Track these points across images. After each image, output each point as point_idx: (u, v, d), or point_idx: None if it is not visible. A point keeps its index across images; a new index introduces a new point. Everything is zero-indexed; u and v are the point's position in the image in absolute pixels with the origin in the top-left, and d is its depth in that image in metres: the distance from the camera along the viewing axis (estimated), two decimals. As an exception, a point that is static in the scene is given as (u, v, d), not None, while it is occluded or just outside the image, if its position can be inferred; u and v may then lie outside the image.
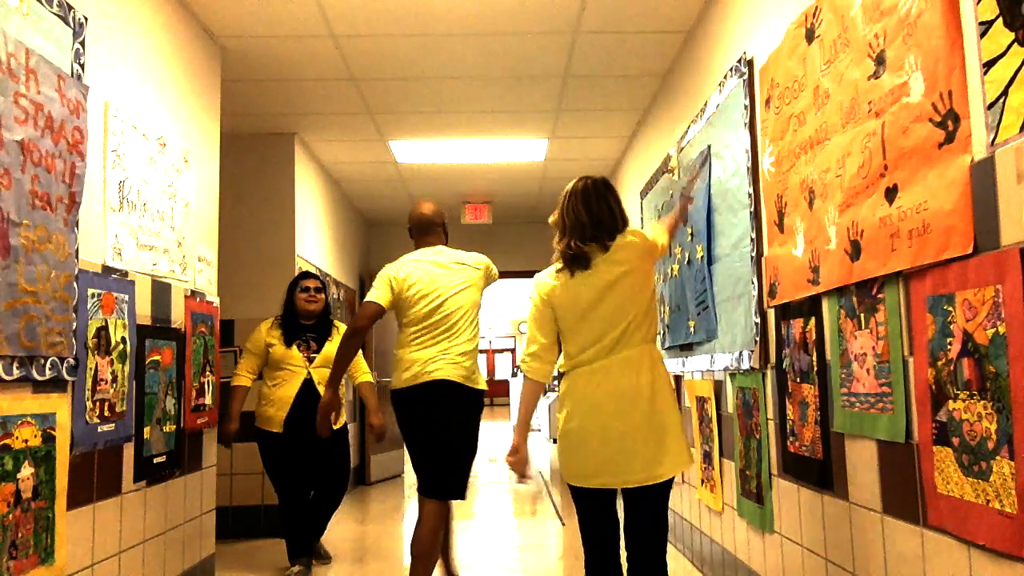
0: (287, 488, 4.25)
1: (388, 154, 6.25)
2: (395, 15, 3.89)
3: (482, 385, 3.43)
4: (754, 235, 3.12)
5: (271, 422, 4.20)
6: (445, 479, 3.30)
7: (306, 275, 4.47)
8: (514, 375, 17.74)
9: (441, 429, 3.29)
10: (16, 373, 2.27)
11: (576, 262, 2.59)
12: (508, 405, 19.96)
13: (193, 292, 3.69)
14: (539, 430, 13.57)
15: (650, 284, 2.64)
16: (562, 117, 5.46)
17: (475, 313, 3.44)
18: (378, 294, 3.35)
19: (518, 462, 2.70)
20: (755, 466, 3.20)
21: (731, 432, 3.49)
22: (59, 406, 2.51)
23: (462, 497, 3.39)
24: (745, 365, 3.21)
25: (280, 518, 4.35)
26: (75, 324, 2.60)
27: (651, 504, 2.53)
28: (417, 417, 3.31)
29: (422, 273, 3.40)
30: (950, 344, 1.84)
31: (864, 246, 2.21)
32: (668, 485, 2.54)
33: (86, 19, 2.73)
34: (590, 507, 2.62)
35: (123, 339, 2.96)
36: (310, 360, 4.27)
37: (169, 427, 3.40)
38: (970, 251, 1.75)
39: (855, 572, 2.39)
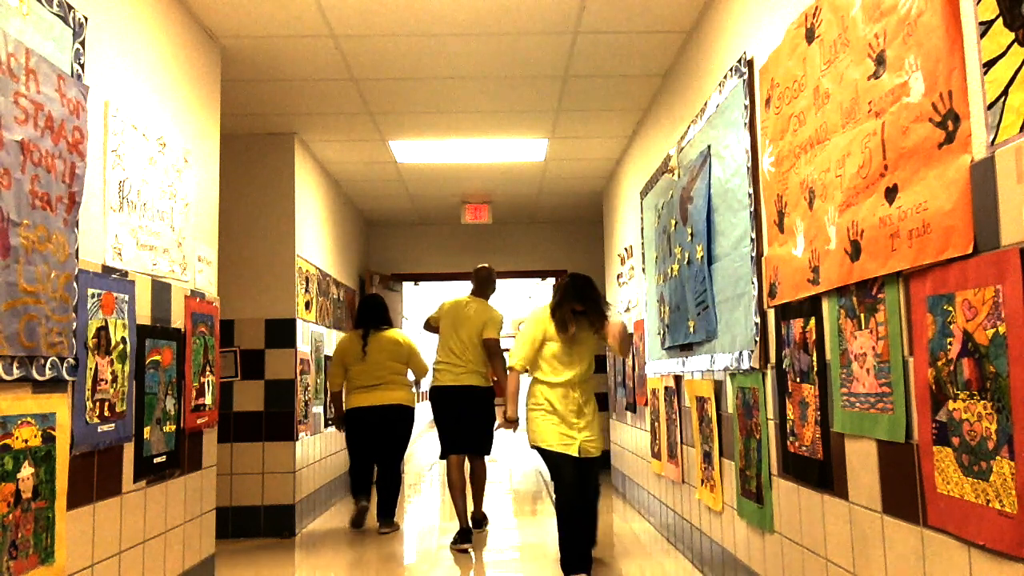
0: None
1: (388, 154, 6.25)
2: (395, 15, 3.89)
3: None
4: (754, 235, 3.12)
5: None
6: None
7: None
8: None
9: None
10: (16, 373, 2.27)
11: None
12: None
13: (193, 292, 3.69)
14: None
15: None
16: (562, 117, 5.46)
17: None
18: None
19: (512, 423, 4.46)
20: (755, 466, 3.20)
21: (731, 432, 3.49)
22: (59, 406, 2.51)
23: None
24: (745, 365, 3.21)
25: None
26: (75, 324, 2.60)
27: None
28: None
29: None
30: (950, 344, 1.84)
31: (864, 246, 2.21)
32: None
33: (86, 19, 2.73)
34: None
35: (123, 339, 2.96)
36: None
37: (169, 427, 3.40)
38: (970, 251, 1.75)
39: (855, 572, 2.40)
